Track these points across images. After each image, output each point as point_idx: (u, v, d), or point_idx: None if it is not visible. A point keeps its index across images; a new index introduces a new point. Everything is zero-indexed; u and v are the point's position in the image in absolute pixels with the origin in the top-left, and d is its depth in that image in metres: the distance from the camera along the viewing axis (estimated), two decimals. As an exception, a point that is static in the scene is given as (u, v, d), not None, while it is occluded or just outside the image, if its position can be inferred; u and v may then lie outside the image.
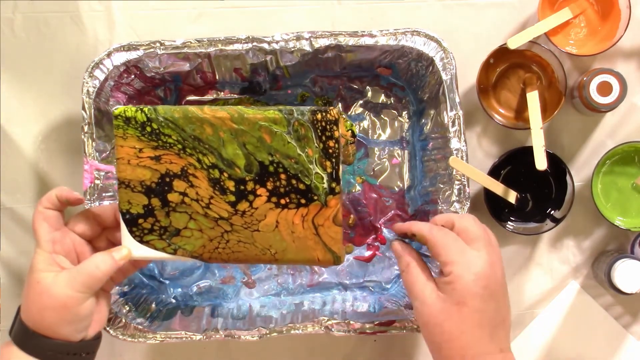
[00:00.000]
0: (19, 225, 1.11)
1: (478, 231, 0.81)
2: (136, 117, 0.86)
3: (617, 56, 1.09)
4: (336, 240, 0.87)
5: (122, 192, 0.88)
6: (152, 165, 0.87)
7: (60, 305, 0.84)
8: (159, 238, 0.89)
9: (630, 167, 1.06)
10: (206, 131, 0.85)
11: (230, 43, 1.01)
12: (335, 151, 0.84)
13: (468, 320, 0.76)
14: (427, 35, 1.00)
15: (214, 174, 0.86)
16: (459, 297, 0.76)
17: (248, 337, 1.00)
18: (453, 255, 0.78)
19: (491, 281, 0.77)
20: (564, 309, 1.10)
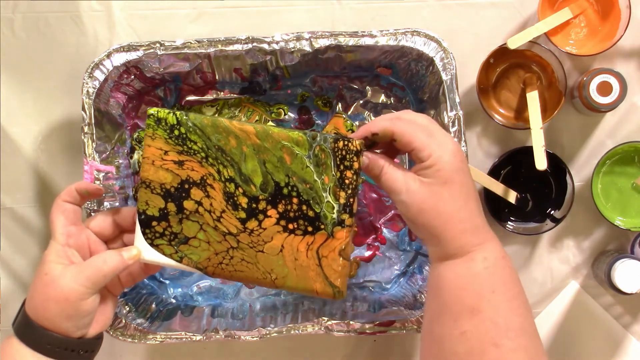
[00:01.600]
0: (19, 225, 1.11)
1: (425, 118, 0.82)
2: (167, 119, 0.86)
3: (617, 56, 1.09)
4: (339, 274, 0.85)
5: (142, 192, 0.87)
6: (175, 169, 0.87)
7: (63, 298, 0.83)
8: (168, 243, 0.88)
9: (630, 167, 1.06)
10: (230, 143, 0.85)
11: (230, 43, 1.01)
12: (352, 182, 0.82)
13: (460, 196, 0.78)
14: (427, 35, 1.00)
15: (230, 188, 0.86)
16: (445, 177, 0.77)
17: (248, 337, 1.00)
18: (426, 139, 0.78)
19: (462, 154, 0.80)
20: (564, 309, 1.10)
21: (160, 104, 1.09)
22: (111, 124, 1.05)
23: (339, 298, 0.86)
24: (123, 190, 1.06)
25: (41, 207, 1.12)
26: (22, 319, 0.86)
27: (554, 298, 1.11)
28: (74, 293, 0.83)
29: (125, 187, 1.07)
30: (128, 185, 1.08)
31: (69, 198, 0.87)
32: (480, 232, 0.79)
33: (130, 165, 1.09)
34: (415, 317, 1.00)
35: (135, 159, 1.09)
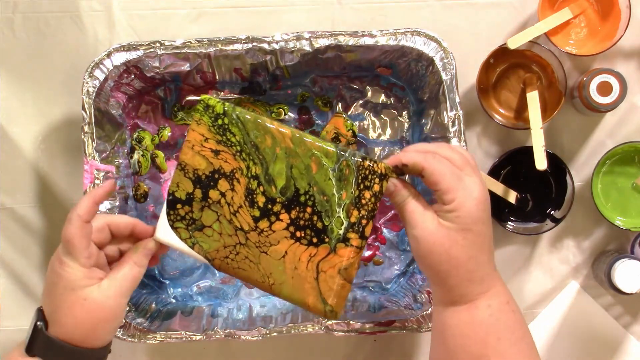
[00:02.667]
0: (19, 225, 1.11)
1: (460, 158, 0.80)
2: (215, 107, 0.87)
3: (617, 56, 1.09)
4: (334, 293, 0.84)
5: (176, 174, 0.89)
6: (210, 157, 0.88)
7: (112, 317, 0.84)
8: (185, 228, 0.89)
9: (630, 167, 1.06)
10: (266, 141, 0.85)
11: (230, 43, 1.01)
12: (368, 204, 0.81)
13: (474, 246, 0.77)
14: (427, 35, 1.00)
15: (252, 185, 0.87)
16: (463, 224, 0.76)
17: (248, 337, 1.00)
18: (453, 183, 0.77)
19: (487, 203, 0.78)
20: (564, 309, 1.10)
21: (160, 104, 1.09)
22: (111, 123, 1.05)
23: (330, 317, 0.85)
24: (123, 190, 1.06)
25: (41, 207, 1.12)
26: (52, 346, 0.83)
27: (554, 298, 1.10)
28: (121, 308, 0.85)
29: (125, 187, 1.07)
30: (128, 185, 1.08)
31: (89, 216, 0.87)
32: (487, 280, 0.79)
33: (130, 165, 1.09)
34: (415, 317, 1.00)
35: (135, 159, 1.09)
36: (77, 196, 1.09)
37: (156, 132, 1.10)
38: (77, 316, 0.84)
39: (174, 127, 1.10)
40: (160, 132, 1.09)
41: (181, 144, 1.08)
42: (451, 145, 0.83)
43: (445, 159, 0.79)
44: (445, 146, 0.81)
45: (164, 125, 1.10)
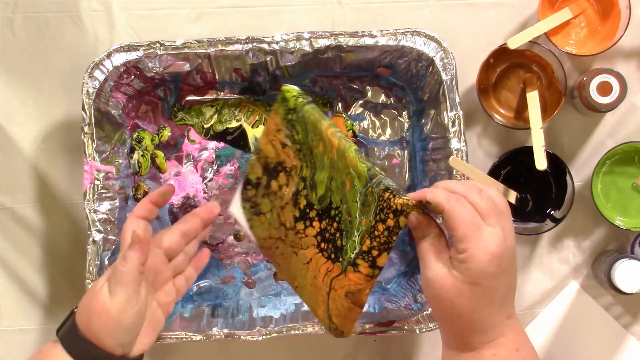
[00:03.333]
0: (19, 225, 1.11)
1: (487, 205, 0.76)
2: (289, 100, 0.89)
3: (617, 56, 1.09)
4: (340, 313, 0.84)
5: (254, 157, 0.94)
6: (279, 149, 0.90)
7: (104, 312, 0.83)
8: (249, 208, 0.94)
9: (630, 167, 1.05)
10: (319, 147, 0.86)
11: (230, 43, 1.01)
12: (380, 236, 0.79)
13: (480, 299, 0.75)
14: (427, 35, 1.00)
15: (300, 186, 0.88)
16: (472, 278, 0.74)
17: (248, 337, 1.00)
18: (469, 232, 0.74)
19: (504, 257, 0.75)
20: (564, 309, 1.10)
21: (160, 104, 1.09)
22: (111, 124, 1.05)
23: (335, 335, 0.86)
24: (123, 190, 1.06)
25: (41, 207, 1.12)
26: (70, 328, 0.85)
27: (554, 298, 1.10)
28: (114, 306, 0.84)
29: (125, 187, 1.07)
30: (128, 185, 1.08)
31: (145, 213, 0.87)
32: (493, 330, 0.77)
33: (130, 165, 1.09)
34: (415, 317, 1.00)
35: (135, 159, 1.09)
36: (77, 196, 1.09)
37: (156, 132, 1.10)
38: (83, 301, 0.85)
39: (173, 127, 1.10)
40: (160, 132, 1.09)
41: (181, 144, 1.09)
42: (483, 189, 0.79)
43: (471, 204, 0.76)
44: (476, 189, 0.78)
45: (164, 125, 1.10)
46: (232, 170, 1.09)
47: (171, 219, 1.09)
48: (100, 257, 1.00)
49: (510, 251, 0.76)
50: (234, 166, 1.09)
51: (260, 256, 1.10)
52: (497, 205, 0.77)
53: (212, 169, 1.09)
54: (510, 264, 0.76)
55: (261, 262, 1.10)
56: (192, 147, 1.09)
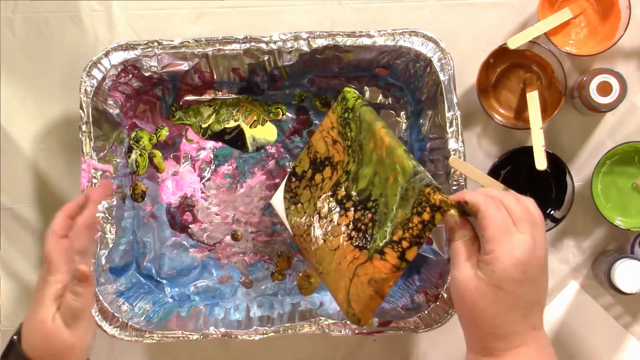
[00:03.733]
0: (19, 225, 1.12)
1: (521, 212, 0.77)
2: (348, 100, 0.92)
3: (617, 56, 1.09)
4: (359, 299, 0.85)
5: (304, 151, 0.99)
6: (330, 145, 0.93)
7: (68, 348, 0.84)
8: (289, 198, 0.98)
9: (630, 167, 1.05)
10: (369, 145, 0.88)
11: (228, 43, 1.02)
12: (413, 229, 0.81)
13: (503, 303, 0.75)
14: (425, 35, 1.00)
15: (342, 178, 0.91)
16: (495, 280, 0.74)
17: (245, 337, 1.00)
18: (498, 234, 0.75)
19: (531, 265, 0.74)
20: (563, 309, 1.10)
21: (158, 104, 1.10)
22: (109, 123, 1.05)
23: (352, 322, 0.87)
24: (120, 190, 1.06)
25: (41, 207, 1.12)
26: None
27: (554, 298, 1.10)
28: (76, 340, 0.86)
29: (123, 187, 1.07)
30: (125, 185, 1.08)
31: (64, 231, 0.88)
32: (514, 339, 0.76)
33: (127, 164, 1.09)
34: (412, 317, 0.99)
35: (132, 159, 1.09)
36: (75, 195, 1.09)
37: (154, 131, 1.10)
38: (35, 337, 0.84)
39: (171, 126, 1.10)
40: (158, 132, 1.10)
41: (179, 143, 1.09)
42: (521, 197, 0.81)
43: (506, 208, 0.77)
44: (514, 197, 0.80)
45: (162, 124, 1.10)
46: (229, 170, 1.09)
47: (168, 218, 1.09)
48: (97, 255, 1.01)
49: (538, 261, 0.75)
50: (232, 166, 1.09)
51: (258, 256, 1.10)
52: (532, 214, 0.78)
53: (209, 169, 1.09)
54: (539, 274, 0.76)
55: (258, 262, 1.10)
56: (190, 147, 1.09)
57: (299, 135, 1.09)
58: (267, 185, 1.09)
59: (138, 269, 1.09)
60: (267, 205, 1.09)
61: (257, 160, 1.09)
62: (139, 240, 1.09)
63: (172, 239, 1.10)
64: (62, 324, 0.84)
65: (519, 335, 0.76)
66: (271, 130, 1.10)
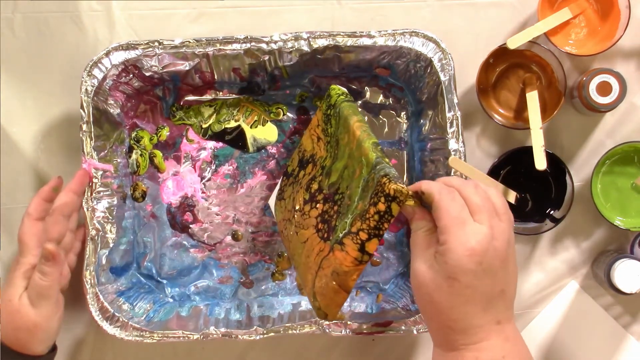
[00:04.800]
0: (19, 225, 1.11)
1: (480, 201, 0.75)
2: (332, 97, 0.94)
3: (616, 56, 1.09)
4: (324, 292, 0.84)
5: (296, 150, 1.01)
6: (315, 142, 0.94)
7: (32, 326, 0.87)
8: (277, 197, 1.01)
9: (629, 167, 1.05)
10: (344, 139, 0.89)
11: (229, 43, 1.02)
12: (370, 220, 0.79)
13: (458, 296, 0.73)
14: (426, 36, 1.00)
15: (317, 173, 0.92)
16: (449, 272, 0.73)
17: (245, 337, 1.00)
18: (452, 225, 0.73)
19: (488, 256, 0.73)
20: (563, 309, 1.10)
21: (158, 104, 1.10)
22: (110, 122, 1.05)
23: (319, 316, 0.86)
24: (121, 189, 1.06)
25: (41, 207, 1.12)
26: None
27: (554, 298, 1.10)
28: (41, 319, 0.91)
29: (123, 186, 1.07)
30: (126, 184, 1.08)
31: (38, 214, 0.94)
32: (475, 332, 0.74)
33: (128, 164, 1.09)
34: (412, 318, 1.00)
35: (133, 159, 1.09)
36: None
37: (154, 131, 1.10)
38: (3, 317, 0.86)
39: (172, 126, 1.10)
40: (159, 132, 1.10)
41: (179, 143, 1.09)
42: (481, 186, 0.78)
43: (464, 198, 0.76)
44: (472, 185, 0.78)
45: (163, 124, 1.10)
46: (230, 170, 1.09)
47: (169, 218, 1.09)
48: (98, 254, 1.01)
49: (497, 252, 0.74)
50: (232, 166, 1.09)
51: (258, 256, 1.10)
52: (493, 204, 0.76)
53: (210, 169, 1.09)
54: (499, 266, 0.74)
55: (259, 262, 1.10)
56: (191, 147, 1.09)
57: (300, 136, 1.09)
58: (267, 186, 1.09)
59: (138, 269, 1.09)
60: (267, 205, 1.09)
61: (258, 160, 1.09)
62: (139, 240, 1.09)
63: (173, 239, 1.10)
64: (28, 303, 0.89)
65: (479, 329, 0.74)
66: (272, 130, 1.10)
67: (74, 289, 1.01)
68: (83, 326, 1.11)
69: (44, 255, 0.90)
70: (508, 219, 0.77)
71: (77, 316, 1.09)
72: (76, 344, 1.11)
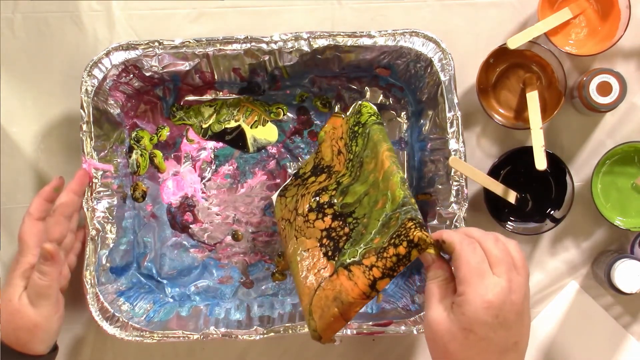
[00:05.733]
0: (19, 225, 1.11)
1: (499, 254, 0.75)
2: (362, 115, 0.93)
3: (616, 56, 1.09)
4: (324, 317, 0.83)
5: (313, 154, 1.01)
6: (335, 154, 0.94)
7: (32, 325, 0.87)
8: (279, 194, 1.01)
9: (630, 167, 1.05)
10: (370, 164, 0.88)
11: (229, 43, 1.02)
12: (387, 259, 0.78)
13: (473, 347, 0.73)
14: (426, 36, 1.00)
15: (331, 186, 0.92)
16: (466, 324, 0.72)
17: (245, 336, 1.00)
18: (471, 276, 0.73)
19: (504, 309, 0.73)
20: (563, 309, 1.10)
21: (159, 104, 1.10)
22: (110, 122, 1.05)
23: (312, 337, 0.86)
24: (121, 189, 1.06)
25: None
26: None
27: (554, 298, 1.10)
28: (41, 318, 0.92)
29: (124, 186, 1.07)
30: (126, 185, 1.08)
31: (39, 214, 0.95)
32: None
33: (128, 164, 1.09)
34: (412, 318, 0.99)
35: (133, 159, 1.09)
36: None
37: (155, 131, 1.10)
38: (3, 317, 0.87)
39: (172, 126, 1.10)
40: (159, 132, 1.10)
41: (179, 143, 1.09)
42: (501, 239, 0.78)
43: (484, 250, 0.76)
44: (493, 237, 0.78)
45: (163, 125, 1.10)
46: (230, 170, 1.09)
47: (169, 218, 1.09)
48: (98, 254, 1.01)
49: (513, 306, 0.73)
50: (233, 166, 1.09)
51: (258, 256, 1.10)
52: (512, 257, 0.77)
53: (210, 169, 1.09)
54: (514, 319, 0.74)
55: (259, 262, 1.10)
56: (191, 147, 1.09)
57: (300, 136, 1.09)
58: (267, 186, 1.09)
59: (139, 269, 1.09)
60: (267, 205, 1.09)
61: (258, 160, 1.09)
62: (139, 240, 1.10)
63: (173, 239, 1.10)
64: (27, 303, 0.89)
65: None
66: (272, 130, 1.10)
67: (74, 289, 1.01)
68: (83, 326, 1.11)
69: (42, 255, 0.90)
70: (525, 272, 0.77)
71: (77, 316, 1.09)
72: (76, 344, 1.11)
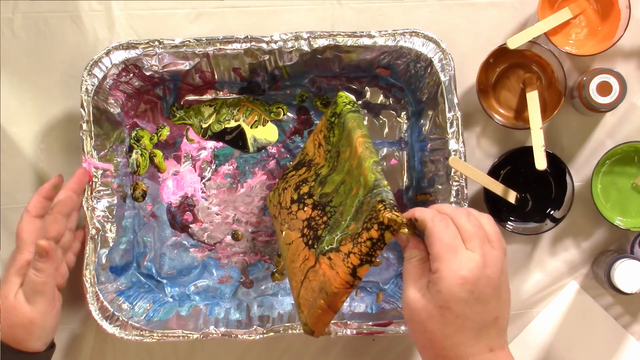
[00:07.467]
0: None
1: (472, 229, 0.75)
2: (338, 105, 0.93)
3: (616, 56, 1.09)
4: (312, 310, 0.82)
5: (300, 151, 1.01)
6: (316, 148, 0.95)
7: (28, 322, 0.87)
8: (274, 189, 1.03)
9: (630, 167, 1.05)
10: (345, 153, 0.88)
11: (229, 42, 1.02)
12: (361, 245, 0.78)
13: (450, 325, 0.73)
14: (426, 36, 1.00)
15: (310, 177, 0.92)
16: (441, 301, 0.72)
17: (245, 336, 1.00)
18: (444, 253, 0.73)
19: (479, 284, 0.72)
20: (563, 309, 1.10)
21: (159, 103, 1.10)
22: (110, 122, 1.05)
23: (305, 332, 0.85)
24: (121, 189, 1.06)
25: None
26: None
27: (554, 298, 1.10)
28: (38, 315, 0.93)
29: (124, 186, 1.07)
30: (126, 184, 1.08)
31: (38, 211, 0.96)
32: None
33: (128, 164, 1.09)
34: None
35: (133, 158, 1.09)
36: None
37: (155, 131, 1.10)
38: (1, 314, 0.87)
39: (172, 126, 1.10)
40: (159, 132, 1.10)
41: (179, 143, 1.09)
42: (474, 213, 0.78)
43: (457, 226, 0.75)
44: (465, 212, 0.78)
45: (163, 124, 1.10)
46: (230, 170, 1.09)
47: (169, 218, 1.09)
48: (98, 254, 1.01)
49: (489, 280, 0.73)
50: (232, 166, 1.09)
51: (258, 256, 1.10)
52: (485, 231, 0.76)
53: (210, 169, 1.09)
54: (491, 294, 0.74)
55: (259, 262, 1.10)
56: (191, 147, 1.09)
57: (300, 136, 1.09)
58: (267, 185, 1.09)
59: (138, 269, 1.09)
60: (267, 205, 1.09)
61: (258, 160, 1.09)
62: (139, 239, 1.09)
63: (173, 238, 1.10)
64: (23, 299, 0.90)
65: (472, 357, 0.74)
66: (272, 130, 1.10)
67: (74, 288, 1.01)
68: (83, 325, 1.11)
69: (37, 252, 0.90)
70: (501, 246, 0.76)
71: (77, 315, 1.09)
72: (76, 343, 1.11)
